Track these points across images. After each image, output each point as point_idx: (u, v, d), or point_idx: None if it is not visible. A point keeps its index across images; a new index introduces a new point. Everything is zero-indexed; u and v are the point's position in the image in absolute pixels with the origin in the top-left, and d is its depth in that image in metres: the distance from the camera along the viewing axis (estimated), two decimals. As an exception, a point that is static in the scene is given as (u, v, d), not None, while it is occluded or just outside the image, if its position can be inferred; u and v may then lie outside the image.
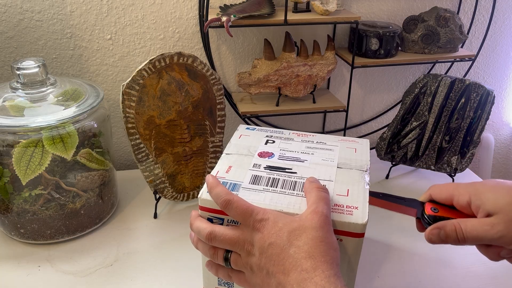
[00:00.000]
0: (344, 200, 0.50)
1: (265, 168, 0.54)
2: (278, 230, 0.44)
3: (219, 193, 0.48)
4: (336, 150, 0.60)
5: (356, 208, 0.49)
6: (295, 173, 0.54)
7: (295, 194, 0.50)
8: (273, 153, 0.57)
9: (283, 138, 0.62)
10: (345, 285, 0.41)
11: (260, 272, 0.45)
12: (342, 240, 0.48)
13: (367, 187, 0.52)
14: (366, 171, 0.55)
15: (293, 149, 0.59)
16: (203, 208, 0.50)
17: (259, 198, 0.49)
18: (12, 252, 0.70)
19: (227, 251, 0.48)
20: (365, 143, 0.63)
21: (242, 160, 0.56)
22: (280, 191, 0.50)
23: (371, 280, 0.66)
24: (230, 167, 0.54)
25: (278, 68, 0.85)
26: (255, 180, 0.52)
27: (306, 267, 0.41)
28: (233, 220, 0.49)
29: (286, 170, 0.54)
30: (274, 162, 0.56)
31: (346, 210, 0.48)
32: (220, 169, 0.54)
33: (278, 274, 0.43)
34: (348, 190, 0.51)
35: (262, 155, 0.57)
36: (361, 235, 0.48)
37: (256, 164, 0.55)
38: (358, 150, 0.60)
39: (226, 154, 0.58)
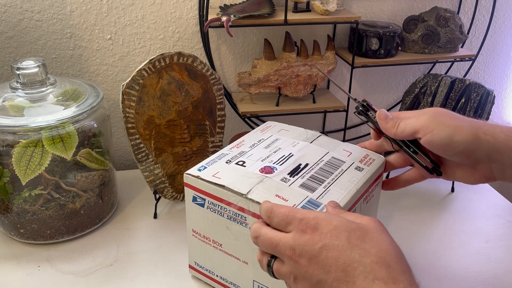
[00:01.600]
0: (356, 156, 0.58)
1: (289, 175, 0.53)
2: (333, 229, 0.36)
3: (261, 207, 0.43)
4: (282, 137, 0.63)
5: (367, 155, 0.58)
6: (307, 164, 0.56)
7: (339, 175, 0.54)
8: (270, 166, 0.55)
9: (238, 156, 0.58)
10: None
11: (306, 282, 0.37)
12: (378, 184, 0.59)
13: (344, 142, 0.62)
14: (322, 134, 0.63)
15: (264, 155, 0.58)
16: (187, 185, 0.54)
17: (336, 195, 0.51)
18: (12, 252, 0.70)
19: (272, 257, 0.41)
20: (274, 123, 0.69)
21: (270, 185, 0.51)
22: (330, 181, 0.53)
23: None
24: (277, 195, 0.49)
25: (278, 68, 0.85)
26: (308, 187, 0.52)
27: (382, 276, 0.33)
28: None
29: (301, 167, 0.55)
30: (284, 169, 0.54)
31: (369, 159, 0.57)
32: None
33: (336, 283, 0.35)
34: (344, 149, 0.59)
35: (265, 171, 0.54)
36: (383, 170, 0.59)
37: (284, 179, 0.52)
38: (285, 129, 0.66)
39: (249, 192, 0.50)
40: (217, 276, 0.58)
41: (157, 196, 0.78)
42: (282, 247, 0.39)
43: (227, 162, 0.56)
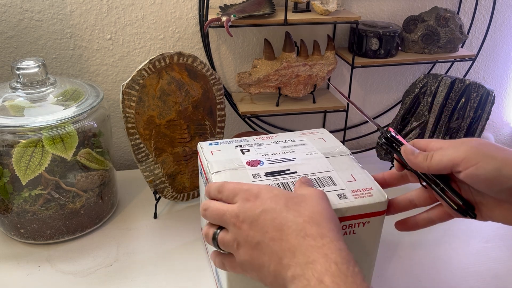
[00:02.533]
0: (356, 185, 0.52)
1: (265, 175, 0.53)
2: (273, 196, 0.40)
3: (210, 186, 0.47)
4: (309, 144, 0.61)
5: (371, 189, 0.51)
6: (296, 172, 0.54)
7: None
8: (260, 160, 0.56)
9: (253, 145, 0.61)
10: (356, 263, 0.36)
11: (247, 246, 0.40)
12: (369, 222, 0.51)
13: (362, 167, 0.55)
14: (350, 155, 0.59)
15: (272, 151, 0.59)
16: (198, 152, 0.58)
17: None
18: (12, 252, 0.70)
19: (218, 229, 0.44)
20: (325, 132, 0.65)
21: (237, 174, 0.53)
22: None
23: (371, 280, 0.66)
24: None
25: (278, 68, 0.85)
26: None
27: (312, 233, 0.36)
28: None
29: (286, 172, 0.54)
30: (269, 168, 0.55)
31: (365, 193, 0.50)
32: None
33: (272, 242, 0.37)
34: (351, 175, 0.54)
35: (251, 164, 0.56)
36: (384, 211, 0.51)
37: (255, 175, 0.53)
38: (326, 139, 0.63)
39: (216, 172, 0.54)
40: None
41: (157, 196, 0.78)
42: (228, 215, 0.41)
43: (236, 146, 0.60)
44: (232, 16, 0.76)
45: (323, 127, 1.06)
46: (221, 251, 0.45)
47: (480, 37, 1.04)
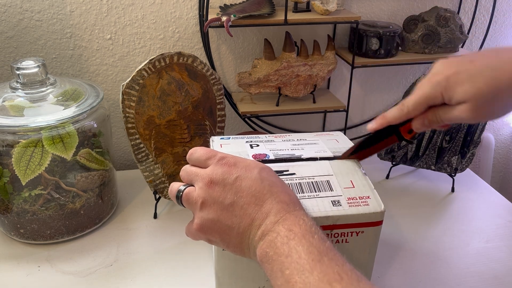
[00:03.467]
0: (353, 192, 0.50)
1: None
2: (247, 165, 0.43)
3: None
4: (321, 143, 0.60)
5: (368, 197, 0.49)
6: (294, 174, 0.53)
7: (307, 197, 0.49)
8: (266, 154, 0.56)
9: (264, 141, 0.61)
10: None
11: (216, 206, 0.42)
12: (363, 232, 0.49)
13: (365, 174, 0.53)
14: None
15: (281, 147, 0.58)
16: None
17: None
18: (12, 252, 0.70)
19: (185, 187, 0.46)
20: (340, 134, 0.64)
21: None
22: None
23: (371, 280, 0.66)
24: None
25: (278, 68, 0.85)
26: None
27: (285, 200, 0.40)
28: None
29: (284, 173, 0.53)
30: (269, 165, 0.53)
31: (361, 202, 0.49)
32: None
33: (246, 205, 0.41)
34: (351, 181, 0.52)
35: (256, 157, 0.55)
36: (380, 222, 0.49)
37: None
38: (339, 141, 0.61)
39: None
40: None
41: (157, 196, 0.78)
42: (200, 176, 0.44)
43: (247, 142, 0.60)
44: (232, 16, 0.76)
45: (323, 127, 1.06)
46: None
47: (480, 37, 1.04)
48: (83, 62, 0.87)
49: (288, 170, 0.53)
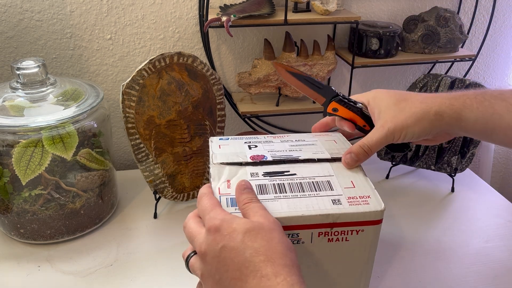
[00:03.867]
0: (354, 191, 0.50)
1: (263, 175, 0.53)
2: (232, 231, 0.41)
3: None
4: (319, 144, 0.60)
5: (369, 197, 0.50)
6: (295, 174, 0.53)
7: (307, 195, 0.50)
8: (264, 155, 0.56)
9: (262, 142, 0.61)
10: None
11: (210, 279, 0.41)
12: (363, 231, 0.49)
13: (366, 175, 0.54)
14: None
15: (279, 149, 0.58)
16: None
17: (276, 208, 0.48)
18: (12, 252, 0.70)
19: (193, 252, 0.45)
20: (339, 135, 0.64)
21: (236, 171, 0.53)
22: (291, 195, 0.50)
23: (371, 280, 0.66)
24: (228, 181, 0.52)
25: (278, 68, 0.85)
26: (262, 190, 0.51)
27: (267, 273, 0.38)
28: None
29: (285, 174, 0.53)
30: (270, 166, 0.54)
31: (362, 201, 0.49)
32: (220, 186, 0.51)
33: (233, 281, 0.39)
34: (352, 181, 0.52)
35: (254, 158, 0.55)
36: (380, 221, 0.49)
37: (253, 173, 0.53)
38: (337, 141, 0.61)
39: (215, 164, 0.54)
40: None
41: (157, 196, 0.78)
42: (196, 242, 0.43)
43: (245, 142, 0.60)
44: (232, 16, 0.76)
45: (323, 127, 1.06)
46: None
47: (480, 37, 1.04)
48: (83, 62, 0.87)
49: (289, 171, 0.53)
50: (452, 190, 0.88)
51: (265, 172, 0.53)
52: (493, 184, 1.26)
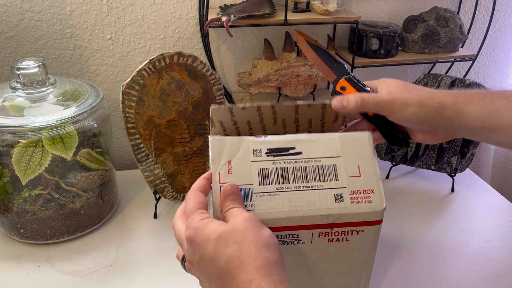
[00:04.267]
0: (358, 183, 0.48)
1: (267, 154, 0.49)
2: (205, 239, 0.40)
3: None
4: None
5: (372, 191, 0.48)
6: (300, 153, 0.50)
7: (310, 187, 0.48)
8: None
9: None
10: None
11: (207, 283, 0.42)
12: (364, 231, 0.48)
13: (374, 152, 0.51)
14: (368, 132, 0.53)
15: (278, 139, 0.54)
16: None
17: (277, 205, 0.47)
18: (12, 252, 0.70)
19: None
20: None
21: (238, 146, 0.49)
22: (294, 187, 0.48)
23: (371, 280, 0.66)
24: (229, 162, 0.48)
25: (278, 68, 0.85)
26: (264, 177, 0.48)
27: (242, 280, 0.37)
28: None
29: (290, 152, 0.49)
30: (273, 141, 0.50)
31: (364, 197, 0.48)
32: (220, 171, 0.48)
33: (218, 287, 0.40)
34: (359, 167, 0.50)
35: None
36: (380, 221, 0.48)
37: (256, 151, 0.49)
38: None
39: (215, 138, 0.49)
40: None
41: (157, 196, 0.78)
42: (183, 248, 0.43)
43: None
44: (232, 16, 0.76)
45: (323, 127, 1.06)
46: None
47: (480, 37, 1.04)
48: (83, 62, 0.87)
49: (294, 148, 0.50)
50: (452, 190, 0.88)
51: (269, 149, 0.49)
52: (493, 184, 1.26)
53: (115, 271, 0.66)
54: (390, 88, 0.55)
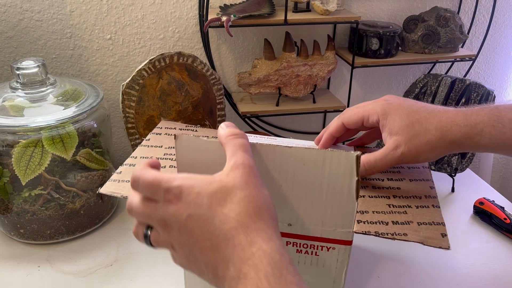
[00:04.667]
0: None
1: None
2: (196, 196, 0.36)
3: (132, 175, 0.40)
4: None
5: None
6: (275, 139, 0.51)
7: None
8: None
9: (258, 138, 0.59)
10: (291, 261, 0.34)
11: (181, 251, 0.37)
12: (334, 248, 0.47)
13: (358, 180, 0.44)
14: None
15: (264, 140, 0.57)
16: None
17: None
18: (12, 252, 0.70)
19: (149, 227, 0.40)
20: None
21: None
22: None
23: (371, 280, 0.66)
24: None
25: (278, 68, 0.85)
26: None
27: (240, 241, 0.34)
28: None
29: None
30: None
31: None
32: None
33: (204, 252, 0.35)
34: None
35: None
36: (350, 242, 0.47)
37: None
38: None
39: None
40: None
41: (157, 196, 0.78)
42: (154, 219, 0.38)
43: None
44: (232, 16, 0.76)
45: (323, 127, 1.06)
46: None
47: (480, 37, 1.04)
48: (83, 62, 0.87)
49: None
50: (452, 190, 0.88)
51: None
52: (493, 184, 1.26)
53: (115, 271, 0.66)
54: (392, 128, 0.52)
